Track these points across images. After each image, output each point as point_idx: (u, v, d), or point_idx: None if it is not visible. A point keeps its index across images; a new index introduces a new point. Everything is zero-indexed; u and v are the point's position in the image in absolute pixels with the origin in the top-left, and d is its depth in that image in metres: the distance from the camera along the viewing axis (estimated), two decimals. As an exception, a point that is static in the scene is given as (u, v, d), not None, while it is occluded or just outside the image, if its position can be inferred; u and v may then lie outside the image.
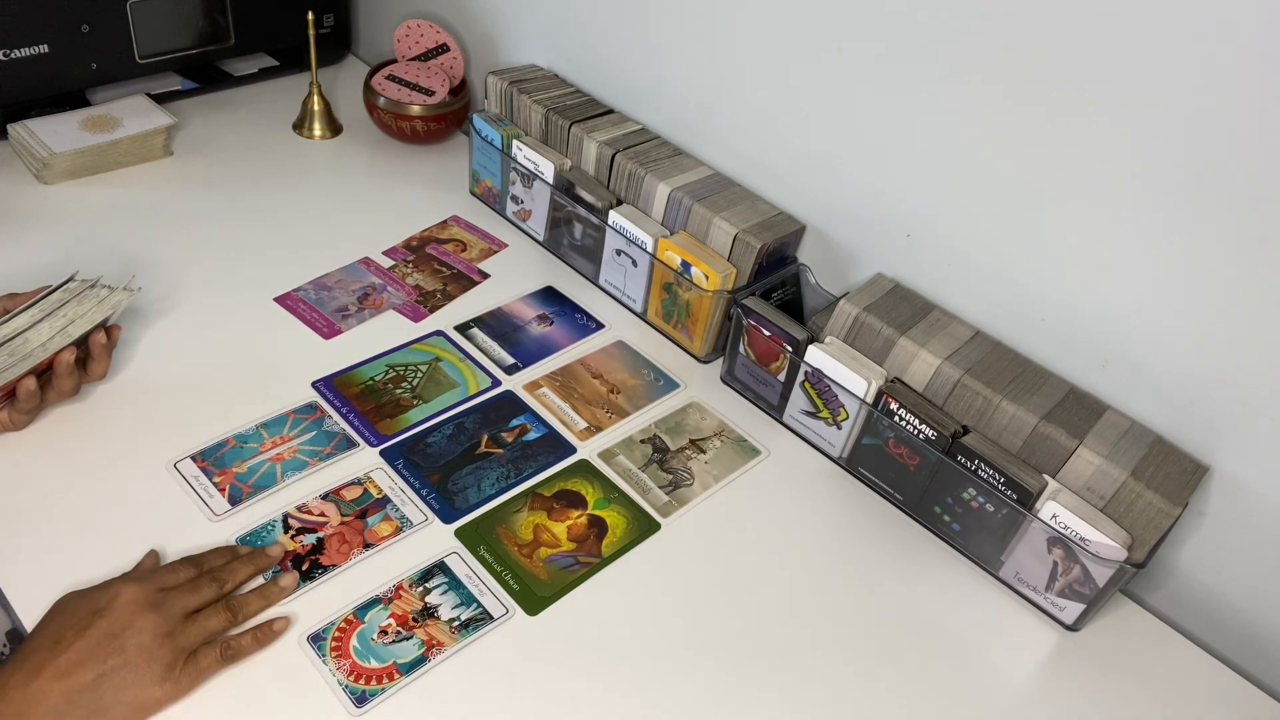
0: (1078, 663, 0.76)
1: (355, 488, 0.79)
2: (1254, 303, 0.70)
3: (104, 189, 1.06)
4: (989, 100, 0.79)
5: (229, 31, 1.21)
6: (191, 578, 0.67)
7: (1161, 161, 0.71)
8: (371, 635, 0.69)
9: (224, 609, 0.66)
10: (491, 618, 0.71)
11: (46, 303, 0.77)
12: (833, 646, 0.73)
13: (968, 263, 0.86)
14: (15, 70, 1.05)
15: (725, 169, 1.01)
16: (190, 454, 0.79)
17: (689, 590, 0.76)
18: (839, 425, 0.86)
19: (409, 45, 1.21)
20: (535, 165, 1.04)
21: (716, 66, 0.98)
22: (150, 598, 0.63)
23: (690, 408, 0.92)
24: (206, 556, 0.70)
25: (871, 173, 0.90)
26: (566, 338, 0.97)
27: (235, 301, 0.94)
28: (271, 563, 0.71)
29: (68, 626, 0.61)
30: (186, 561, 0.68)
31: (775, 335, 0.87)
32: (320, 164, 1.18)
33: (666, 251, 0.94)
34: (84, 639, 0.60)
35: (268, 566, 0.71)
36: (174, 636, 0.62)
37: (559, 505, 0.80)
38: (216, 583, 0.67)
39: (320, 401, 0.85)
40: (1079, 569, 0.74)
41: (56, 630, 0.61)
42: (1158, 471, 0.74)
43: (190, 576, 0.67)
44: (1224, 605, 0.80)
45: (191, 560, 0.68)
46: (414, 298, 0.99)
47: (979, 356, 0.81)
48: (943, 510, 0.81)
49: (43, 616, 0.63)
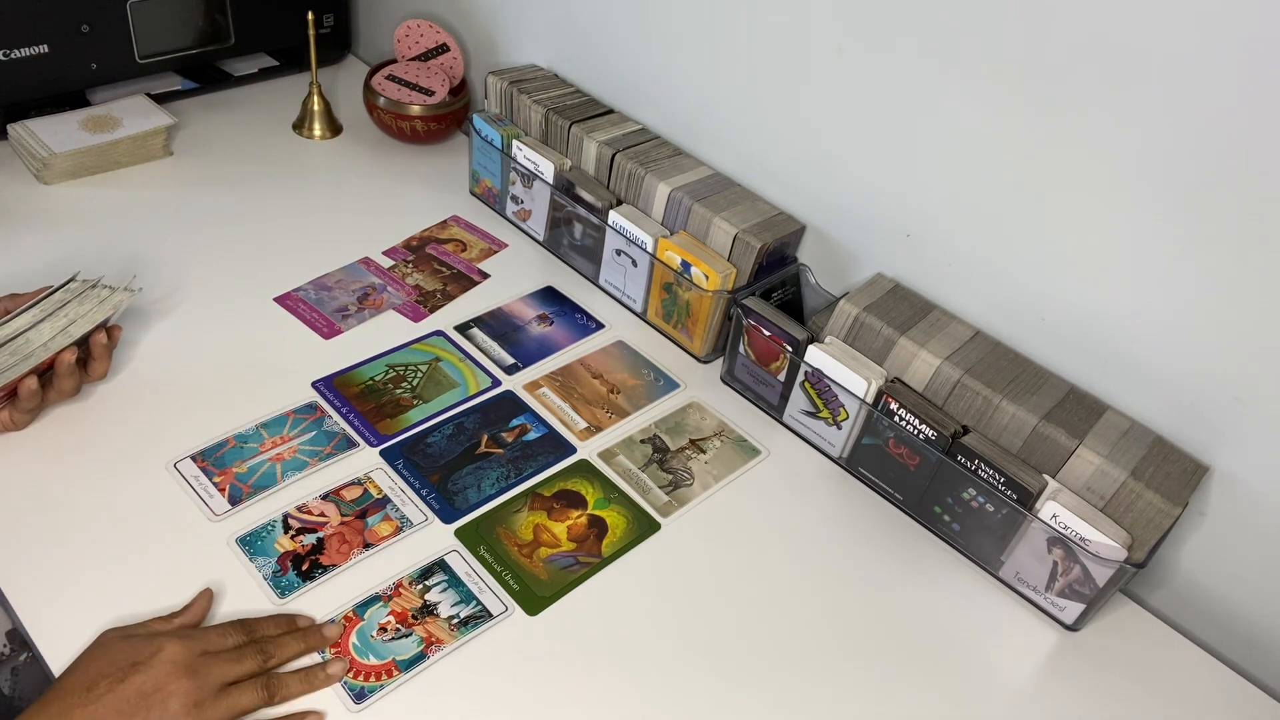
0: (1078, 663, 0.76)
1: (355, 488, 0.79)
2: (1254, 303, 0.71)
3: (104, 189, 1.06)
4: (989, 100, 0.79)
5: (229, 31, 1.21)
6: (239, 645, 0.64)
7: (1162, 161, 0.71)
8: (371, 632, 0.69)
9: (262, 688, 0.63)
10: (491, 615, 0.71)
11: (48, 303, 0.77)
12: (832, 647, 0.73)
13: (968, 263, 0.86)
14: (15, 70, 1.05)
15: (725, 169, 1.01)
16: (190, 454, 0.79)
17: (688, 590, 0.76)
18: (839, 425, 0.86)
19: (409, 45, 1.21)
20: (535, 165, 1.04)
21: (716, 66, 0.98)
22: (191, 662, 0.61)
23: (690, 408, 0.92)
24: (260, 623, 0.67)
25: (871, 173, 0.90)
26: (566, 338, 0.97)
27: (235, 301, 0.94)
28: (325, 643, 0.67)
29: (104, 674, 0.59)
30: (238, 626, 0.66)
31: (775, 335, 0.87)
32: (320, 164, 1.18)
33: (666, 251, 0.94)
34: (116, 693, 0.58)
35: (320, 646, 0.67)
36: (203, 708, 0.60)
37: (559, 505, 0.80)
38: (262, 655, 0.64)
39: (320, 401, 0.85)
40: (1079, 569, 0.74)
41: (93, 675, 0.59)
42: (1158, 471, 0.74)
43: (238, 643, 0.64)
44: (1224, 605, 0.80)
45: (244, 625, 0.66)
46: (414, 298, 0.99)
47: (979, 356, 0.81)
48: (943, 510, 0.81)
49: (83, 652, 0.62)
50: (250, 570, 0.71)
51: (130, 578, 0.69)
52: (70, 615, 0.66)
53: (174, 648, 0.61)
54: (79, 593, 0.68)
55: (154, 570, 0.70)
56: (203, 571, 0.70)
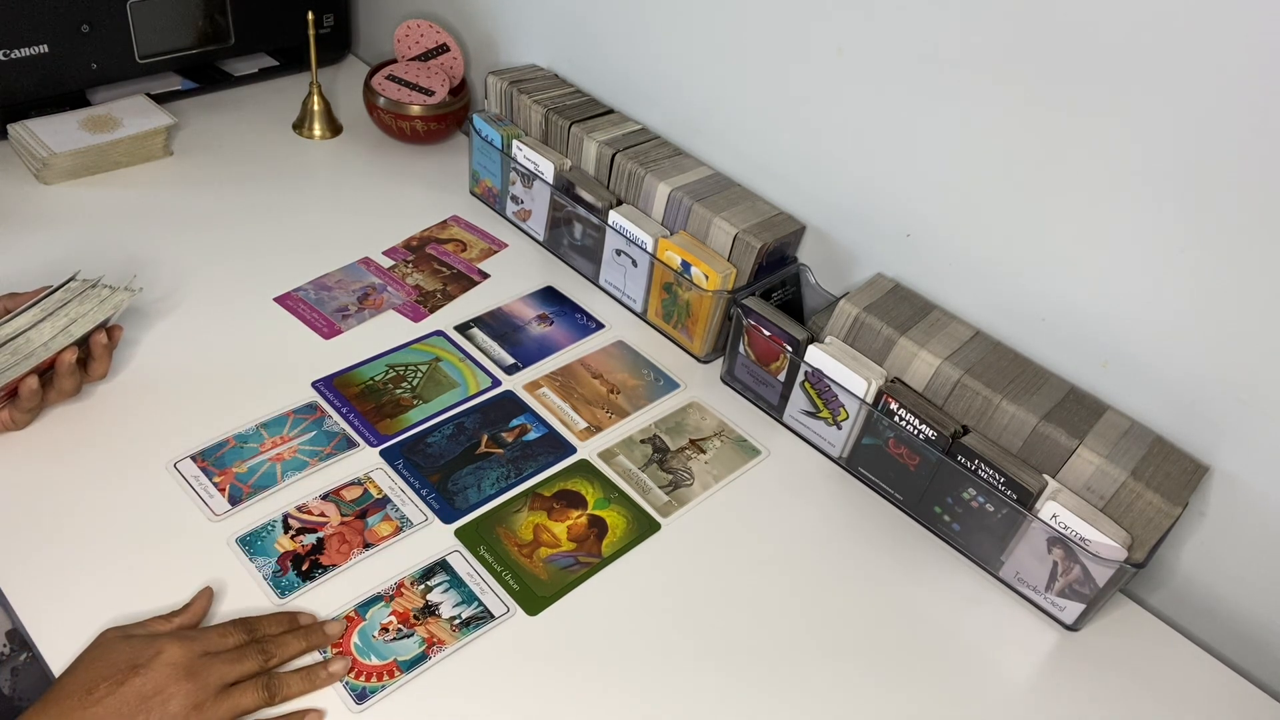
0: (1078, 663, 0.76)
1: (355, 488, 0.79)
2: (1254, 302, 0.71)
3: (104, 189, 1.06)
4: (989, 100, 0.79)
5: (229, 31, 1.21)
6: (239, 644, 0.64)
7: (1162, 161, 0.71)
8: (372, 632, 0.69)
9: (263, 688, 0.62)
10: (493, 616, 0.71)
11: (48, 302, 0.77)
12: (832, 647, 0.73)
13: (968, 263, 0.86)
14: (15, 70, 1.05)
15: (725, 169, 1.02)
16: (190, 454, 0.79)
17: (688, 590, 0.76)
18: (839, 425, 0.86)
19: (409, 45, 1.21)
20: (535, 165, 1.04)
21: (717, 66, 0.98)
22: (190, 663, 0.61)
23: (690, 408, 0.92)
24: (261, 622, 0.66)
25: (871, 173, 0.90)
26: (566, 338, 0.97)
27: (235, 301, 0.94)
28: (327, 641, 0.67)
29: (104, 676, 0.59)
30: (239, 625, 0.65)
31: (775, 335, 0.87)
32: (320, 164, 1.18)
33: (666, 251, 0.94)
34: (116, 695, 0.58)
35: (322, 645, 0.67)
36: (203, 709, 0.60)
37: (559, 505, 0.80)
38: (263, 654, 0.64)
39: (320, 401, 0.86)
40: (1079, 569, 0.74)
41: (92, 677, 0.59)
42: (1158, 471, 0.74)
43: (238, 643, 0.64)
44: (1224, 605, 0.80)
45: (244, 624, 0.66)
46: (414, 298, 0.99)
47: (979, 356, 0.81)
48: (943, 510, 0.81)
49: (82, 653, 0.62)
50: (250, 570, 0.71)
51: (130, 578, 0.69)
52: (70, 615, 0.66)
53: (174, 649, 0.61)
54: (79, 593, 0.68)
55: (154, 570, 0.70)
56: (203, 571, 0.70)
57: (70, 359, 0.76)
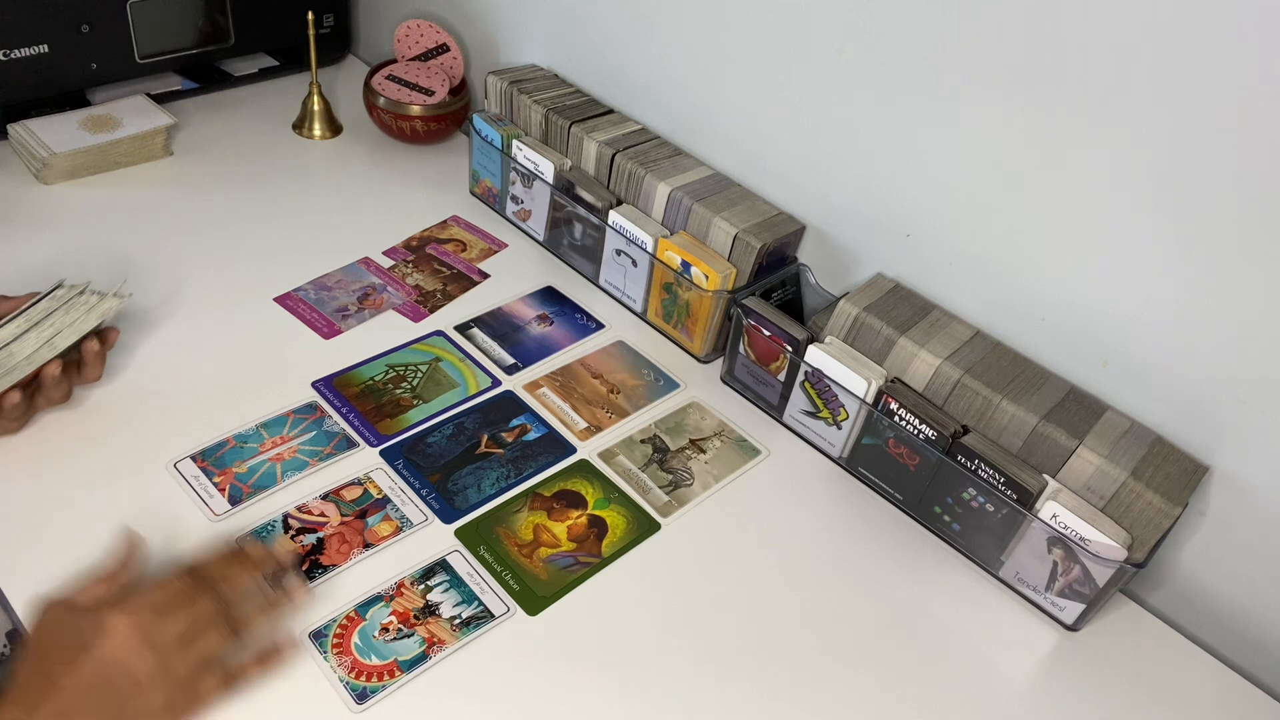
0: (1078, 663, 0.76)
1: (355, 488, 0.79)
2: (1254, 302, 0.71)
3: (104, 189, 1.06)
4: (989, 100, 0.79)
5: (229, 31, 1.21)
6: (185, 589, 0.60)
7: (1162, 161, 0.71)
8: (373, 632, 0.69)
9: (224, 626, 0.60)
10: (493, 616, 0.71)
11: (33, 312, 0.76)
12: (832, 646, 0.73)
13: (968, 263, 0.86)
14: (15, 70, 1.05)
15: (725, 169, 1.02)
16: (190, 454, 0.79)
17: (688, 590, 0.76)
18: (839, 425, 0.86)
19: (409, 45, 1.21)
20: (535, 165, 1.04)
21: (717, 66, 0.98)
22: (141, 631, 0.57)
23: (690, 408, 0.92)
24: (203, 562, 0.64)
25: (871, 173, 0.90)
26: (566, 338, 0.97)
27: (235, 302, 0.94)
28: (273, 560, 0.66)
29: (57, 659, 0.56)
30: (180, 571, 0.62)
31: (775, 335, 0.87)
32: (320, 164, 1.18)
33: (666, 251, 0.94)
34: (75, 678, 0.55)
35: (269, 566, 0.66)
36: (169, 670, 0.57)
37: (559, 505, 0.80)
38: (213, 594, 0.61)
39: (320, 401, 0.85)
40: (1079, 569, 0.74)
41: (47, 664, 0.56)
42: (1158, 471, 0.74)
43: (183, 588, 0.60)
44: (1224, 605, 0.80)
45: (186, 569, 0.62)
46: (414, 298, 0.99)
47: (979, 356, 0.81)
48: (943, 510, 0.81)
49: (31, 630, 0.59)
50: (250, 570, 0.71)
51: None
52: (70, 615, 0.66)
53: (120, 622, 0.57)
54: (79, 593, 0.68)
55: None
56: (203, 571, 0.70)
57: (54, 372, 0.74)
